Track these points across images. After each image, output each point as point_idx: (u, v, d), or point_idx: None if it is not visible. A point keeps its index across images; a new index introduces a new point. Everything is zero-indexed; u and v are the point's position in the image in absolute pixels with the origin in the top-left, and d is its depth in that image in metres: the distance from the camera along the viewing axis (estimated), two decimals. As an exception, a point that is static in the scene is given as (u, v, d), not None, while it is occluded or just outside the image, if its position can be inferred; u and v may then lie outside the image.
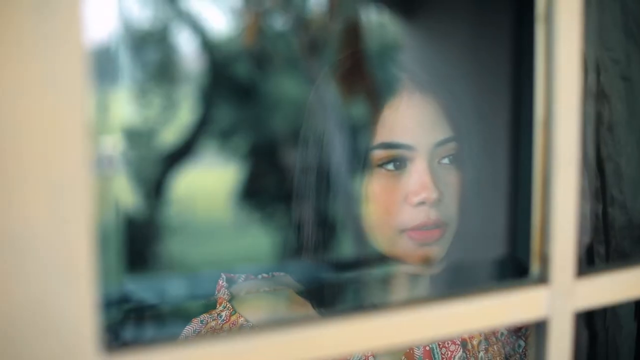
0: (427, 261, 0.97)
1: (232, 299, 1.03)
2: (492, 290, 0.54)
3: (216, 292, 1.04)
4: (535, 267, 0.55)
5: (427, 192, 0.94)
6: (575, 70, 0.54)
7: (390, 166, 0.96)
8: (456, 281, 1.04)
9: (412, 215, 0.95)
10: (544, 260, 0.55)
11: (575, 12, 0.54)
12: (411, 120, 0.96)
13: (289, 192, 1.05)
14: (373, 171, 0.97)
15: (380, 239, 0.98)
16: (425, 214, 0.95)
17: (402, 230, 0.96)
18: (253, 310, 1.01)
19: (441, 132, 0.96)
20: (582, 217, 0.98)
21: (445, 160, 0.97)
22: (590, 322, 1.03)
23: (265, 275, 1.06)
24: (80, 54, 0.37)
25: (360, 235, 1.00)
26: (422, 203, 0.95)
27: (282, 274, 1.06)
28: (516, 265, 0.97)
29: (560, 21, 0.53)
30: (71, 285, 0.38)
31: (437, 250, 0.96)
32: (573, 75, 0.54)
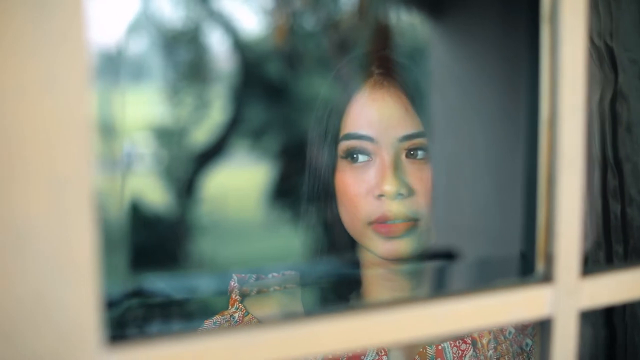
0: (396, 255, 0.97)
1: (243, 299, 1.04)
2: (496, 288, 0.54)
3: (228, 293, 1.05)
4: (539, 266, 0.55)
5: (387, 185, 0.95)
6: (580, 70, 0.54)
7: (354, 157, 0.98)
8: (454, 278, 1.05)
9: (374, 208, 0.96)
10: (549, 259, 0.55)
11: (580, 12, 0.54)
12: (376, 113, 0.97)
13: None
14: (340, 163, 0.99)
15: (353, 231, 1.00)
16: (386, 207, 0.96)
17: (369, 223, 0.97)
18: (265, 311, 1.03)
19: (407, 127, 0.97)
20: (599, 216, 0.97)
21: (415, 156, 0.98)
22: (609, 322, 1.03)
23: (275, 274, 1.07)
24: (82, 51, 0.38)
25: (342, 229, 1.02)
26: (382, 196, 0.96)
27: (292, 272, 1.07)
28: (512, 265, 0.97)
29: (564, 21, 0.53)
30: (74, 279, 0.39)
31: (406, 245, 0.97)
32: (578, 75, 0.54)
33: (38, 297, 0.38)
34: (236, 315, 1.02)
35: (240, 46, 3.47)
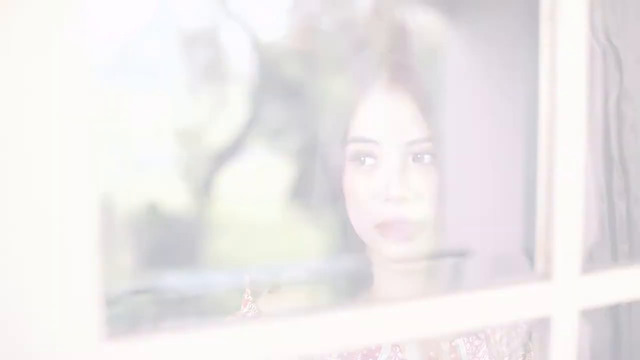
0: (404, 258, 0.97)
1: (255, 300, 1.05)
2: (495, 286, 0.54)
3: (241, 293, 1.06)
4: (539, 264, 0.55)
5: (393, 189, 0.95)
6: (581, 69, 0.54)
7: (361, 160, 0.98)
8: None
9: (380, 212, 0.96)
10: (548, 256, 0.55)
11: (581, 11, 0.54)
12: (382, 116, 0.97)
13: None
14: (348, 165, 0.99)
15: (361, 233, 1.00)
16: (392, 211, 0.96)
17: (375, 226, 0.97)
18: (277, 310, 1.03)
19: (414, 131, 0.97)
20: (605, 215, 0.97)
21: (422, 160, 0.98)
22: (616, 321, 1.02)
23: (287, 274, 1.08)
24: (85, 51, 0.39)
25: (353, 230, 1.02)
26: (387, 199, 0.96)
27: (304, 272, 1.08)
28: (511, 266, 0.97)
29: (565, 21, 0.53)
30: (74, 273, 0.40)
31: (413, 248, 0.97)
32: (579, 74, 0.54)
33: (39, 292, 0.38)
34: (249, 315, 1.03)
35: (258, 46, 3.48)
